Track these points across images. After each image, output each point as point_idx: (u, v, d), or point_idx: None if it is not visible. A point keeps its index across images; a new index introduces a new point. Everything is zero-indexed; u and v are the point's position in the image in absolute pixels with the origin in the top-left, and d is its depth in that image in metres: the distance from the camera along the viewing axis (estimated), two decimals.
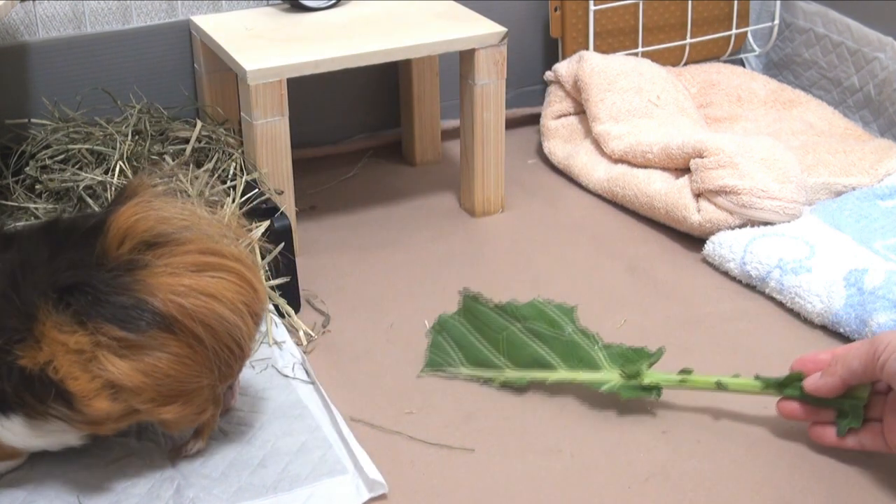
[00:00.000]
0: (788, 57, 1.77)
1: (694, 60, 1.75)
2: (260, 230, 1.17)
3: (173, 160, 1.24)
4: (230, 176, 1.24)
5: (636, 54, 1.68)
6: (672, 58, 1.72)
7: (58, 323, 0.85)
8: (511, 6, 1.63)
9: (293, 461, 0.98)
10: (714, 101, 1.66)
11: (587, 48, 1.65)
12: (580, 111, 1.60)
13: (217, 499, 0.94)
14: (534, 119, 1.68)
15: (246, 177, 1.23)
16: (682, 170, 1.40)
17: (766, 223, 1.32)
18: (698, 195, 1.35)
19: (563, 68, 1.60)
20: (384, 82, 1.60)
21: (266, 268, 1.16)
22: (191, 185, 1.16)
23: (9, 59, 1.37)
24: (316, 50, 1.28)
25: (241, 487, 0.95)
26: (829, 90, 1.69)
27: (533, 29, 1.68)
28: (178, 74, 1.46)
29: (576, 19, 1.64)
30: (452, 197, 1.50)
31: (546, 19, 1.67)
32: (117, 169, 1.20)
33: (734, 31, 1.75)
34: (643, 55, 1.68)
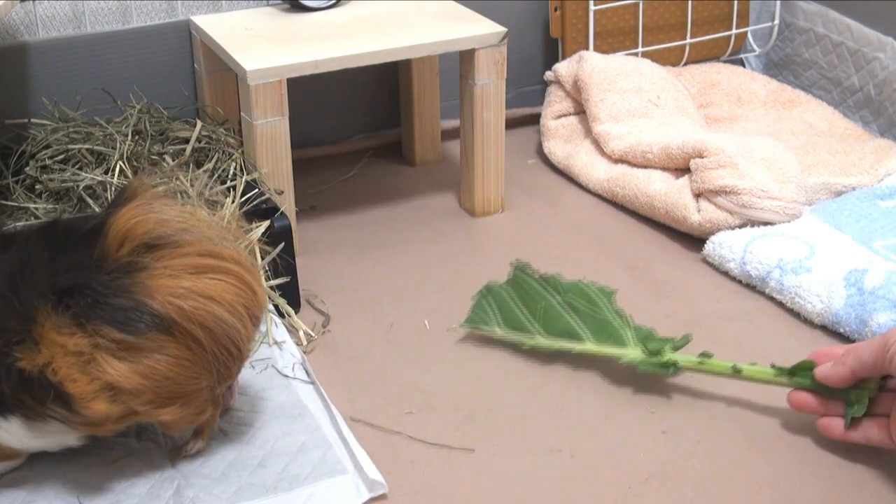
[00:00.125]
0: (788, 57, 1.77)
1: (694, 60, 1.75)
2: (260, 230, 1.17)
3: (173, 160, 1.24)
4: (230, 176, 1.24)
5: (636, 54, 1.68)
6: (672, 58, 1.72)
7: (57, 325, 0.85)
8: (511, 6, 1.63)
9: (293, 461, 0.98)
10: (714, 101, 1.66)
11: (587, 48, 1.65)
12: (580, 111, 1.60)
13: (217, 499, 0.94)
14: (534, 119, 1.68)
15: (246, 177, 1.24)
16: (682, 170, 1.40)
17: (766, 223, 1.32)
18: (698, 195, 1.35)
19: (563, 68, 1.59)
20: (384, 82, 1.60)
21: (266, 268, 1.16)
22: (191, 186, 1.16)
23: (9, 59, 1.37)
24: (316, 50, 1.28)
25: (241, 487, 0.95)
26: (829, 90, 1.69)
27: (533, 29, 1.68)
28: (178, 74, 1.46)
29: (576, 19, 1.64)
30: (452, 197, 1.50)
31: (546, 19, 1.67)
32: (117, 169, 1.20)
33: (734, 31, 1.75)
34: (643, 55, 1.68)
